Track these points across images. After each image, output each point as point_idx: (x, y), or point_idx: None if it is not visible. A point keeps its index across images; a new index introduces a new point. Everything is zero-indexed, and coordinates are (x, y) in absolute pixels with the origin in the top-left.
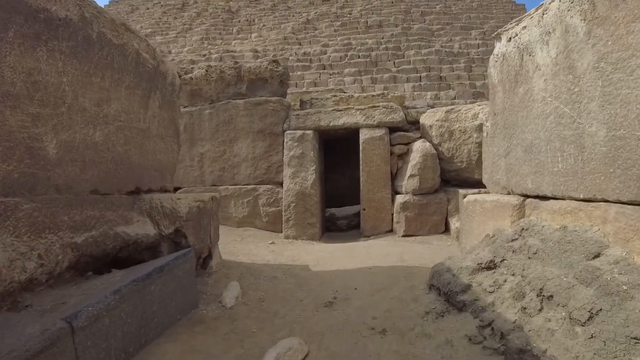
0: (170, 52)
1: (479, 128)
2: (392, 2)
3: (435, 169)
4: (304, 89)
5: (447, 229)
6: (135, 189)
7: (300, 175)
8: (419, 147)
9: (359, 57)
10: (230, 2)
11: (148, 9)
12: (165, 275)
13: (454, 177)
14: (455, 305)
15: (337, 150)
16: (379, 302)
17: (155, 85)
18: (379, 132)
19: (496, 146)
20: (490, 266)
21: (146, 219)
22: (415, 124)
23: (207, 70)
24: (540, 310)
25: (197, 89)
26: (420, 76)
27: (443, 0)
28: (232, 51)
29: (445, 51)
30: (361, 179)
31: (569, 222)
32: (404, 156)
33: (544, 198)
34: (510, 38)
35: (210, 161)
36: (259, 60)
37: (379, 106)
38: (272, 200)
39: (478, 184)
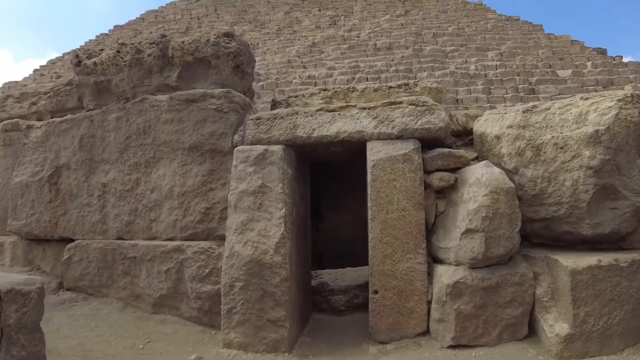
0: None
1: (593, 140)
2: (402, 25)
3: (514, 218)
4: None
5: (531, 330)
6: None
7: (256, 227)
8: (482, 177)
9: (367, 80)
10: (235, 27)
11: (151, 33)
12: None
13: (539, 230)
14: None
15: (338, 178)
16: None
17: None
18: (402, 148)
19: None
20: None
21: None
22: (463, 137)
23: (118, 51)
24: None
25: (104, 80)
26: None
27: (456, 22)
28: None
29: (461, 73)
30: (370, 235)
31: None
32: (448, 192)
33: None
34: None
35: (117, 198)
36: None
37: (401, 103)
38: (207, 270)
39: (588, 244)
